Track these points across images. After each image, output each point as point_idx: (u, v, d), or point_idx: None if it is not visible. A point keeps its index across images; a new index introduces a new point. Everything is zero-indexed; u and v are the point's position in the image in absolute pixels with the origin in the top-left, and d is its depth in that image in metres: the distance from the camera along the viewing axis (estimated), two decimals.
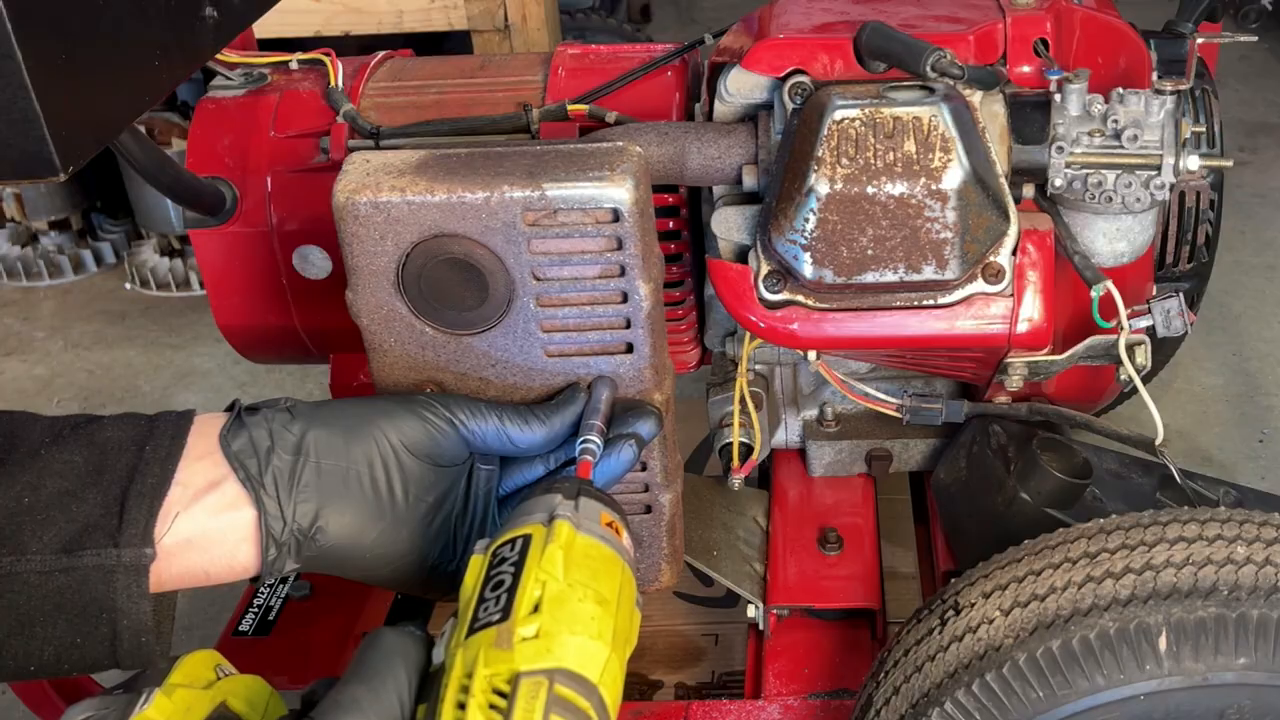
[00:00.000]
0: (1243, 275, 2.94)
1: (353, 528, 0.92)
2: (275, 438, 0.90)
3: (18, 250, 3.33)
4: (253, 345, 1.60)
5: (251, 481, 0.87)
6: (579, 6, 3.60)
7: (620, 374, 1.13)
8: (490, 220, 1.06)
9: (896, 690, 1.14)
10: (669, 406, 1.17)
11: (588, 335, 1.11)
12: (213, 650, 0.86)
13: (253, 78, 1.52)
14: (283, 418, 0.92)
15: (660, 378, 1.15)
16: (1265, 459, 2.37)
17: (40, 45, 0.76)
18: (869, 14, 1.31)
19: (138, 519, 0.82)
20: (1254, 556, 1.05)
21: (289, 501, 0.88)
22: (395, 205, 1.06)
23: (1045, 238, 1.24)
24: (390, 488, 0.94)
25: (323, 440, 0.92)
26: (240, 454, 0.88)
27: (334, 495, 0.90)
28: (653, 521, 1.21)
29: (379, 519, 0.93)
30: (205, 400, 2.73)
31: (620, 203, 1.05)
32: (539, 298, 1.10)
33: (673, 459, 1.21)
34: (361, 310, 1.12)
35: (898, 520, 1.75)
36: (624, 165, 1.07)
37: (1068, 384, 1.45)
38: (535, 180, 1.06)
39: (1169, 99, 1.21)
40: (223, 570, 0.88)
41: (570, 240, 1.07)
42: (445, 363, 1.13)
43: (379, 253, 1.08)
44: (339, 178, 1.08)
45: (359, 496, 0.92)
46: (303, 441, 0.91)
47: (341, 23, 2.84)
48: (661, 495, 1.20)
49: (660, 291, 1.13)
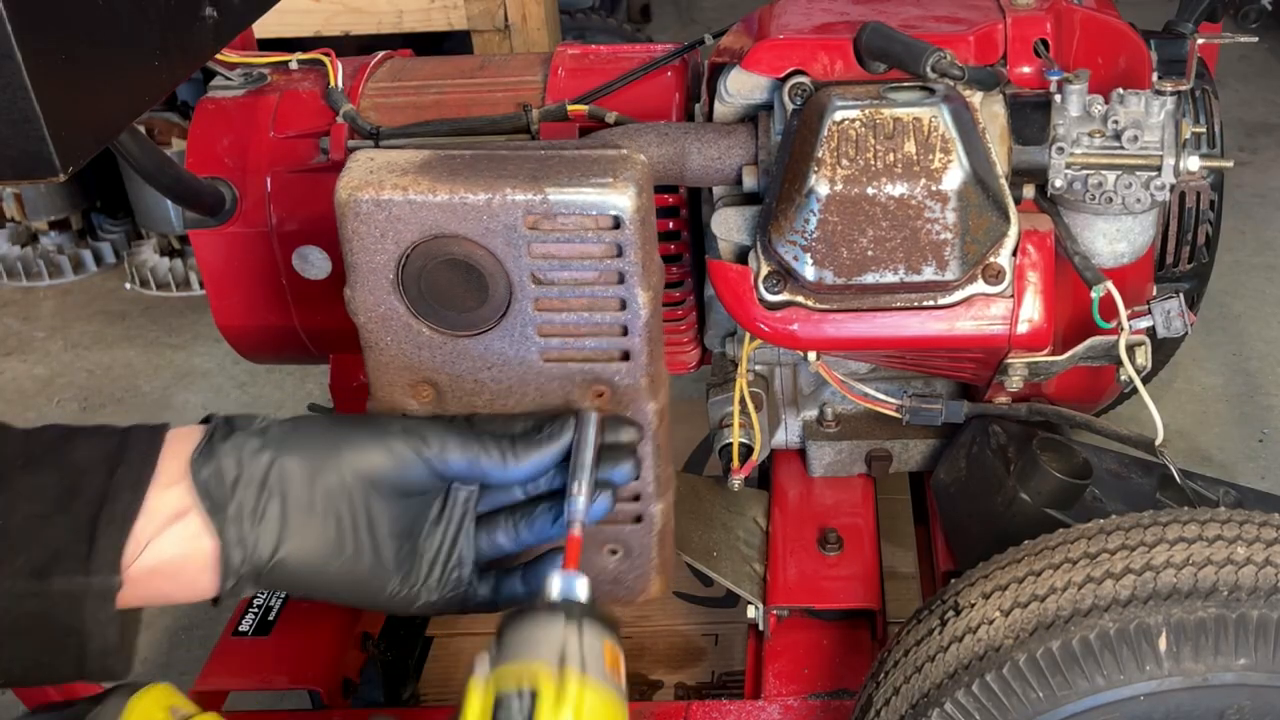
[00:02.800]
0: (1243, 275, 2.94)
1: (314, 560, 0.93)
2: (243, 468, 0.91)
3: (18, 250, 3.32)
4: (252, 345, 1.60)
5: (216, 513, 0.89)
6: (579, 6, 3.59)
7: (616, 381, 1.13)
8: (491, 222, 1.06)
9: (896, 691, 1.14)
10: (663, 416, 1.17)
11: (584, 341, 1.11)
12: (169, 687, 0.87)
13: (252, 78, 1.52)
14: (253, 445, 0.92)
15: (656, 386, 1.15)
16: (1265, 459, 2.37)
17: (40, 45, 0.76)
18: (869, 14, 1.31)
19: (106, 547, 0.84)
20: (1254, 557, 1.05)
21: (250, 533, 0.90)
22: (397, 204, 1.06)
23: (1045, 238, 1.24)
24: (354, 521, 0.94)
25: (289, 471, 0.92)
26: (207, 483, 0.89)
27: (296, 529, 0.92)
28: (643, 532, 1.21)
29: (340, 552, 0.94)
30: (205, 400, 2.73)
31: (622, 210, 1.05)
32: (537, 301, 1.09)
33: (665, 469, 1.21)
34: (359, 308, 1.12)
35: (898, 520, 1.75)
36: (627, 172, 1.07)
37: (1068, 384, 1.45)
38: (538, 184, 1.06)
39: (1169, 99, 1.21)
40: (184, 594, 0.90)
41: (570, 245, 1.07)
42: (441, 364, 1.13)
43: (379, 251, 1.08)
44: (342, 174, 1.08)
45: (321, 530, 0.93)
46: (269, 473, 0.91)
47: (341, 23, 2.84)
48: (652, 506, 1.20)
49: (659, 300, 1.13)
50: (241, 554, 0.89)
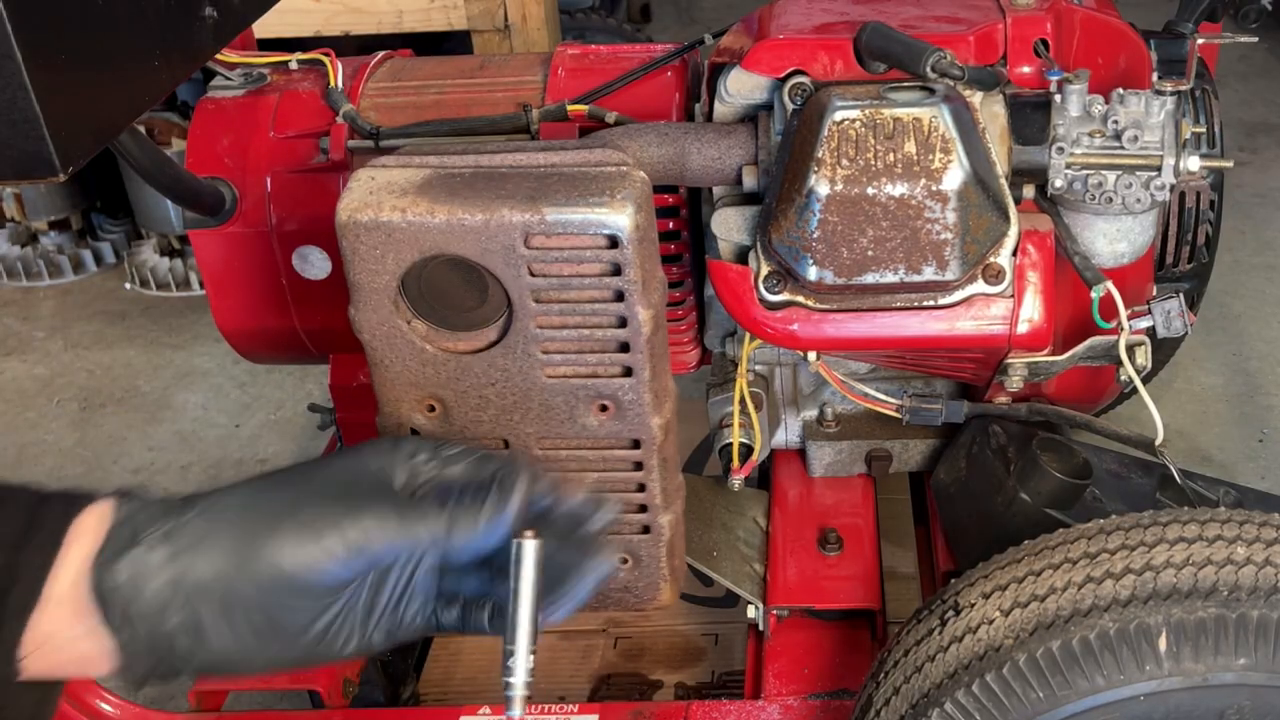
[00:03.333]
0: (1243, 275, 2.94)
1: (236, 660, 0.86)
2: (145, 583, 0.83)
3: (18, 250, 3.32)
4: (253, 346, 1.60)
5: (116, 624, 0.83)
6: (579, 6, 3.59)
7: (619, 397, 1.13)
8: (489, 243, 1.06)
9: (896, 691, 1.14)
10: (669, 430, 1.17)
11: (586, 358, 1.11)
12: None
13: (252, 78, 1.52)
14: (156, 558, 0.84)
15: (660, 401, 1.15)
16: (1265, 459, 2.37)
17: (40, 45, 0.76)
18: (869, 14, 1.31)
19: (5, 638, 0.81)
20: (1254, 557, 1.05)
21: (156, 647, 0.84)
22: (396, 225, 1.06)
23: (1045, 238, 1.24)
24: (276, 620, 0.86)
25: (200, 582, 0.84)
26: (109, 594, 0.83)
27: (212, 638, 0.85)
28: (651, 542, 1.21)
29: (265, 650, 0.87)
30: (205, 400, 2.73)
31: (619, 229, 1.05)
32: (538, 319, 1.09)
33: (672, 480, 1.20)
34: (363, 326, 1.12)
35: (898, 520, 1.75)
36: (625, 191, 1.07)
37: (1068, 384, 1.45)
38: (535, 204, 1.05)
39: (1169, 99, 1.21)
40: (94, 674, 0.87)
41: (569, 264, 1.07)
42: (446, 381, 1.13)
43: (380, 271, 1.08)
44: (343, 195, 1.08)
45: (239, 637, 0.85)
46: (175, 589, 0.84)
47: (341, 23, 2.83)
48: (660, 517, 1.20)
49: (662, 316, 1.13)
50: (147, 665, 0.84)
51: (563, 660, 1.76)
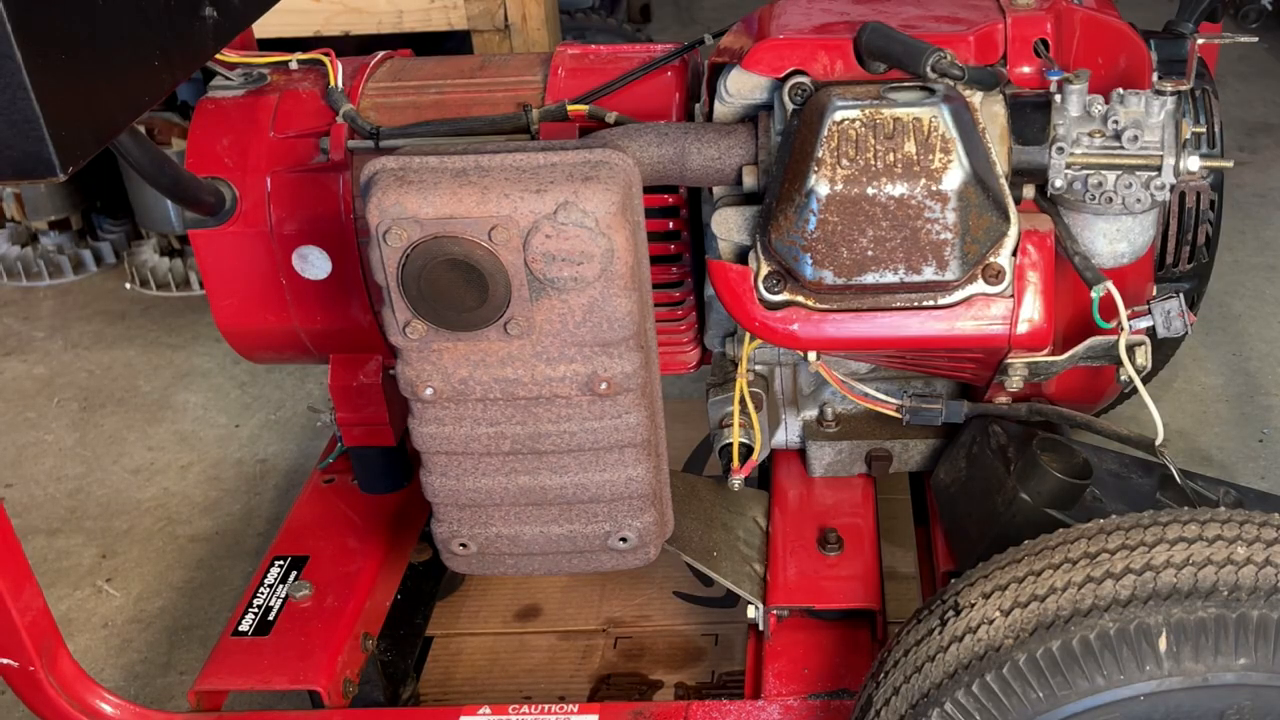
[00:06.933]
0: (1243, 275, 2.94)
1: None
2: None
3: (18, 250, 3.33)
4: (252, 346, 1.60)
5: None
6: (579, 6, 3.60)
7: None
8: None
9: (896, 690, 1.14)
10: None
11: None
12: None
13: (252, 78, 1.52)
14: None
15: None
16: (1265, 459, 2.37)
17: (40, 45, 0.76)
18: (869, 14, 1.31)
19: None
20: (1254, 557, 1.05)
21: None
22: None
23: (1045, 238, 1.24)
24: None
25: None
26: None
27: None
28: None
29: None
30: (205, 400, 2.73)
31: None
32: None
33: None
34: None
35: (898, 520, 1.75)
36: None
37: (1068, 384, 1.45)
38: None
39: (1169, 100, 1.21)
40: None
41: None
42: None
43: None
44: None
45: None
46: None
47: (341, 23, 2.83)
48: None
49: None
50: None
51: (563, 660, 1.76)
